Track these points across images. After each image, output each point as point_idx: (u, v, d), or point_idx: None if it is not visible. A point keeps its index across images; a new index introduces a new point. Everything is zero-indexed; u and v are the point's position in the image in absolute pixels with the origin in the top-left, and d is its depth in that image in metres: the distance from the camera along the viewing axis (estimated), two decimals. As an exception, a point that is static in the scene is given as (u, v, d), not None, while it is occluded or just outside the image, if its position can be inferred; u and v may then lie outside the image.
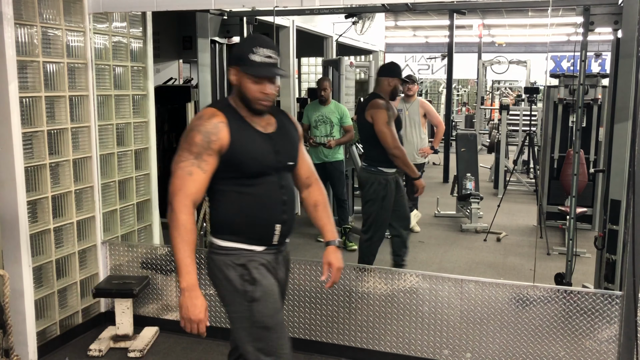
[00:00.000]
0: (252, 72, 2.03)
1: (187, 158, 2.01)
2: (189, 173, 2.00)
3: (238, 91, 2.09)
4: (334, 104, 5.73)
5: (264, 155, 2.08)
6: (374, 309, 3.35)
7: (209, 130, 1.99)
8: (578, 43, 3.50)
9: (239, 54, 2.06)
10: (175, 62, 9.13)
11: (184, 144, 2.02)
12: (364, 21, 7.14)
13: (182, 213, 1.98)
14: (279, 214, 2.12)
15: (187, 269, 1.96)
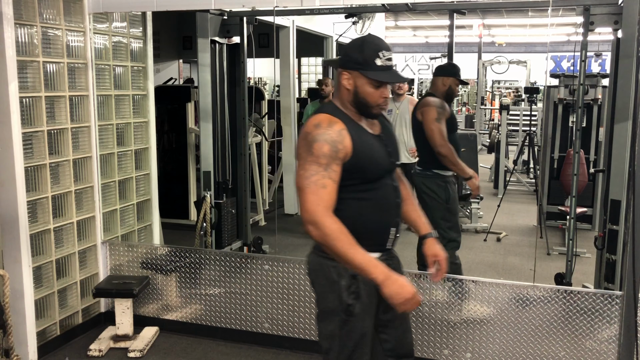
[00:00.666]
0: (380, 77, 1.94)
1: (316, 171, 1.88)
2: (322, 186, 1.88)
3: (352, 95, 1.99)
4: None
5: (382, 158, 2.03)
6: (374, 309, 3.34)
7: (335, 139, 1.90)
8: (578, 43, 3.50)
9: (361, 59, 1.95)
10: (175, 62, 9.15)
11: (309, 156, 1.89)
12: (364, 21, 7.14)
13: (330, 225, 1.85)
14: (393, 217, 2.07)
15: (371, 264, 1.84)
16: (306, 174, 1.89)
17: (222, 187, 4.55)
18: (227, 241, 4.62)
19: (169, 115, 6.31)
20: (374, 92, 1.96)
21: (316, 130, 1.91)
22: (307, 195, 1.88)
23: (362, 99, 1.98)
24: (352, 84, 1.98)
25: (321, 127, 1.92)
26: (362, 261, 1.83)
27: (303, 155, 1.92)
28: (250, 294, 3.59)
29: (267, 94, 10.19)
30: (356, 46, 2.00)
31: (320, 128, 1.91)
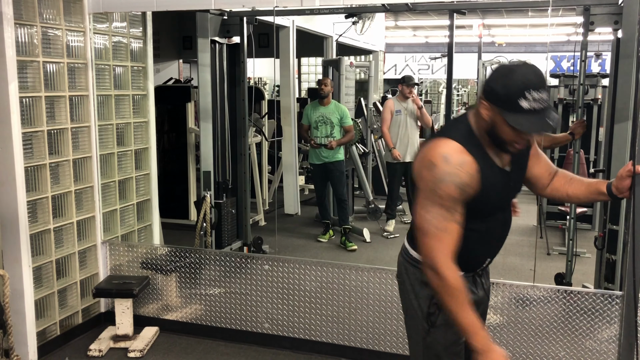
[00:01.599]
0: (520, 126, 1.68)
1: (440, 214, 1.74)
2: (444, 230, 1.75)
3: (488, 127, 1.78)
4: (334, 104, 5.70)
5: (502, 196, 1.91)
6: (374, 309, 3.35)
7: (464, 182, 1.73)
8: (578, 43, 3.50)
9: (504, 95, 1.69)
10: (175, 62, 9.14)
11: (433, 195, 1.74)
12: (364, 21, 7.14)
13: (450, 277, 1.75)
14: (494, 250, 1.99)
15: (474, 329, 1.74)
16: (428, 215, 1.75)
17: (222, 187, 4.55)
18: (227, 241, 4.62)
19: (169, 115, 6.31)
20: (512, 135, 1.74)
21: (445, 165, 1.72)
22: (430, 240, 1.77)
23: (498, 136, 1.77)
24: (490, 117, 1.75)
25: (450, 163, 1.72)
26: (467, 325, 1.75)
27: (426, 190, 1.76)
28: (250, 294, 3.59)
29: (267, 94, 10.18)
30: (501, 76, 1.71)
31: (450, 164, 1.72)
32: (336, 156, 5.70)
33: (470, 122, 1.83)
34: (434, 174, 1.73)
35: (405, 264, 2.02)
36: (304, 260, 3.50)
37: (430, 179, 1.74)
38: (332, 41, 7.84)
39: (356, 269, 3.40)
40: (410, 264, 1.98)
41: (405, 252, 2.03)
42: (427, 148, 1.80)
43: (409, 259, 2.00)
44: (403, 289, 2.06)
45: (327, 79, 5.71)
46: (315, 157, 5.71)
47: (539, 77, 1.69)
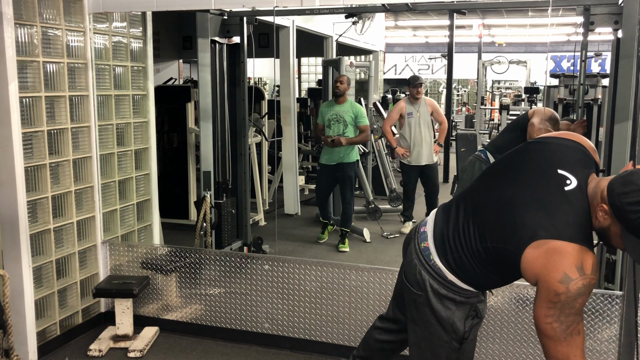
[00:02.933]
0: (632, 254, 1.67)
1: (574, 321, 1.68)
2: (576, 333, 1.70)
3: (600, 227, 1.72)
4: (349, 103, 5.57)
5: None
6: (374, 309, 3.34)
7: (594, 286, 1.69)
8: (578, 43, 3.50)
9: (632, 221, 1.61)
10: (175, 62, 9.15)
11: (569, 308, 1.66)
12: (364, 21, 7.14)
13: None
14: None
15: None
16: (562, 326, 1.68)
17: (222, 187, 4.55)
18: (227, 241, 4.62)
19: (169, 115, 6.31)
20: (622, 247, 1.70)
21: (582, 279, 1.63)
22: (563, 347, 1.70)
23: (607, 240, 1.73)
24: (608, 223, 1.68)
25: (585, 274, 1.64)
26: None
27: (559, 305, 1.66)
28: (250, 294, 3.59)
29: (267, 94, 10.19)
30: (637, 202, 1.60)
31: (585, 277, 1.64)
32: (351, 157, 5.58)
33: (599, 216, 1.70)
34: (571, 289, 1.64)
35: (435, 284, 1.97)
36: (304, 260, 3.50)
37: (566, 294, 1.64)
38: (332, 41, 7.85)
39: (356, 269, 3.40)
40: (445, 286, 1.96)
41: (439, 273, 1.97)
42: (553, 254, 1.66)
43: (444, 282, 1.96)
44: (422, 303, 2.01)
45: (343, 77, 5.55)
46: (329, 158, 5.56)
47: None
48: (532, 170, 1.83)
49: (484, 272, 1.90)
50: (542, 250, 1.68)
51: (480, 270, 1.90)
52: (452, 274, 1.95)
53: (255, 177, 6.55)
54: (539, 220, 1.72)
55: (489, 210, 1.87)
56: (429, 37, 20.29)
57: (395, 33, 18.84)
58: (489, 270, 1.89)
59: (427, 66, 20.06)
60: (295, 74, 7.28)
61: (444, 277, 1.96)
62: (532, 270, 1.71)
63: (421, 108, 6.07)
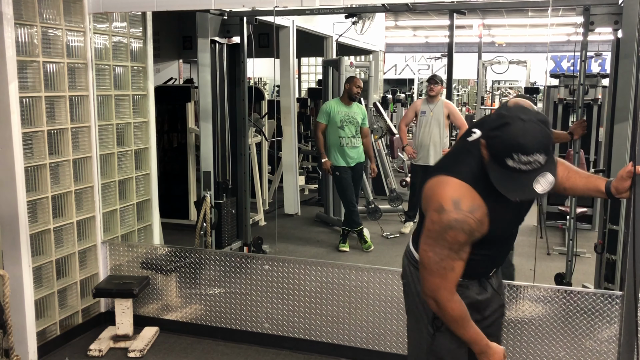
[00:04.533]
0: (499, 185, 1.65)
1: (448, 255, 1.74)
2: (450, 269, 1.76)
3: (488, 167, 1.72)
4: (355, 104, 5.58)
5: (509, 226, 1.91)
6: (374, 309, 3.35)
7: (473, 228, 1.71)
8: (578, 43, 3.49)
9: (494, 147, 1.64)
10: (175, 62, 9.15)
11: (442, 240, 1.72)
12: (364, 21, 7.13)
13: (453, 310, 1.80)
14: (500, 261, 2.03)
15: (477, 338, 1.86)
16: (435, 256, 1.75)
17: (222, 187, 4.55)
18: (227, 241, 4.62)
19: (169, 115, 6.31)
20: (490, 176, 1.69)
21: (455, 212, 1.69)
22: (434, 279, 1.78)
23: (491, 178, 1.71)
24: (486, 159, 1.70)
25: (461, 209, 1.69)
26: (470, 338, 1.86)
27: (433, 232, 1.74)
28: (250, 294, 3.59)
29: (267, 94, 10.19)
30: (497, 126, 1.64)
31: (460, 211, 1.68)
32: (362, 157, 5.61)
33: (483, 153, 1.72)
34: (442, 219, 1.70)
35: (410, 267, 2.02)
36: (304, 260, 3.50)
37: (438, 223, 1.71)
38: (332, 41, 7.85)
39: (356, 269, 3.40)
40: (415, 267, 1.98)
41: (410, 255, 2.02)
42: (437, 185, 1.76)
43: (414, 262, 1.99)
44: (408, 291, 2.06)
45: (360, 81, 5.54)
46: (343, 160, 5.50)
47: (535, 138, 1.57)
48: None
49: None
50: (431, 183, 1.80)
51: None
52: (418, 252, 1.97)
53: (255, 177, 6.55)
54: (439, 164, 1.94)
55: None
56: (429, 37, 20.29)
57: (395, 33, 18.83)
58: None
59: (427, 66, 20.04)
60: (295, 74, 7.28)
61: (414, 257, 1.99)
62: (423, 203, 1.83)
63: (436, 108, 5.96)
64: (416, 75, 20.28)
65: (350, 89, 5.47)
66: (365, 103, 7.09)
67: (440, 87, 6.04)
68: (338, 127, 5.47)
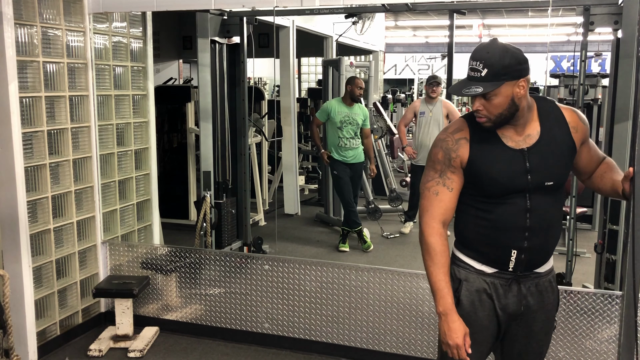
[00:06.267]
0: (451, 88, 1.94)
1: (432, 177, 1.89)
2: (435, 193, 1.87)
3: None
4: (357, 105, 5.57)
5: (508, 176, 1.82)
6: (374, 309, 3.35)
7: (449, 147, 1.87)
8: (578, 43, 3.49)
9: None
10: (175, 62, 9.15)
11: (429, 161, 1.93)
12: (364, 21, 7.14)
13: (430, 236, 1.85)
14: (517, 240, 1.84)
15: (441, 293, 1.83)
16: (424, 178, 1.91)
17: (222, 187, 4.55)
18: (227, 241, 4.62)
19: (169, 115, 6.31)
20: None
21: (442, 135, 1.92)
22: (421, 200, 1.91)
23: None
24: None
25: (446, 131, 1.92)
26: (434, 284, 1.85)
27: (427, 160, 1.95)
28: (250, 294, 3.59)
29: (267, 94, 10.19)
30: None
31: (444, 132, 1.93)
32: (361, 157, 5.61)
33: None
34: (434, 142, 1.93)
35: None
36: (304, 260, 3.50)
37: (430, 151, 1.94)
38: (332, 41, 7.85)
39: (356, 269, 3.40)
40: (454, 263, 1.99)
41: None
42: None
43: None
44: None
45: (362, 81, 5.51)
46: (341, 157, 5.52)
47: (484, 49, 1.78)
48: None
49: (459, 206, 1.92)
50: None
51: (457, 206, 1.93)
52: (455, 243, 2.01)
53: (255, 177, 6.55)
54: None
55: None
56: (429, 37, 20.30)
57: (395, 33, 18.84)
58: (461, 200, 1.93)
59: (427, 66, 20.05)
60: (295, 74, 7.28)
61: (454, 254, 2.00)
62: None
63: (435, 108, 5.95)
64: (416, 75, 20.29)
65: (353, 91, 5.46)
66: (365, 103, 7.09)
67: (440, 88, 6.05)
68: (337, 127, 5.47)
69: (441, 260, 1.84)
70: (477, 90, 1.77)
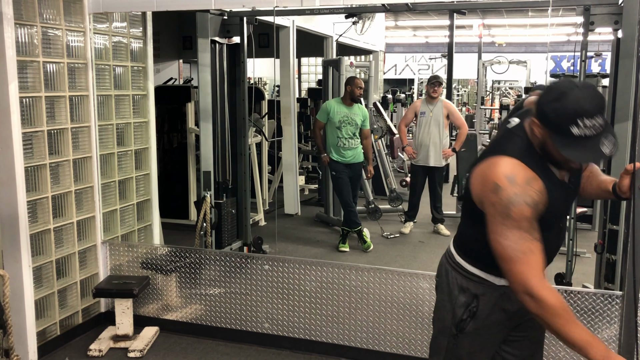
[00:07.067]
0: (566, 153, 1.64)
1: (521, 236, 1.66)
2: (529, 252, 1.66)
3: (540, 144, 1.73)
4: (357, 105, 5.57)
5: (562, 207, 1.86)
6: (374, 309, 3.35)
7: (536, 200, 1.67)
8: (578, 43, 3.49)
9: (555, 120, 1.62)
10: (175, 62, 9.15)
11: (508, 220, 1.66)
12: (364, 21, 7.14)
13: (548, 298, 1.64)
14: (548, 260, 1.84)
15: (591, 344, 1.63)
16: (508, 242, 1.67)
17: (222, 187, 4.55)
18: (227, 241, 4.62)
19: (169, 115, 6.31)
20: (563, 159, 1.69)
21: (512, 187, 1.65)
22: (517, 266, 1.67)
23: (551, 155, 1.71)
24: (543, 136, 1.69)
25: (517, 183, 1.66)
26: (579, 340, 1.64)
27: (497, 216, 1.68)
28: (250, 294, 3.59)
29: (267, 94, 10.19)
30: (554, 100, 1.63)
31: (516, 185, 1.66)
32: (360, 157, 5.60)
33: (528, 134, 1.74)
34: (502, 197, 1.66)
35: (447, 266, 2.01)
36: (304, 260, 3.50)
37: (499, 203, 1.66)
38: (332, 41, 7.85)
39: (356, 269, 3.40)
40: (453, 267, 1.98)
41: (450, 256, 2.01)
42: (486, 168, 1.73)
43: (453, 264, 1.98)
44: (439, 290, 2.06)
45: (361, 81, 5.50)
46: (340, 157, 5.51)
47: (594, 101, 1.60)
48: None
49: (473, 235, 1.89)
50: (479, 169, 1.77)
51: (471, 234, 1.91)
52: (458, 253, 1.97)
53: (255, 177, 6.55)
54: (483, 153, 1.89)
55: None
56: (429, 37, 20.31)
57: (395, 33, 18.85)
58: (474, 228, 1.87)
59: (427, 66, 20.06)
60: (295, 74, 7.28)
61: (453, 258, 1.99)
62: (475, 192, 1.77)
63: (436, 109, 5.96)
64: (416, 75, 20.30)
65: (352, 91, 5.45)
66: (365, 103, 7.10)
67: (441, 88, 6.06)
68: (336, 127, 5.47)
69: (570, 314, 1.66)
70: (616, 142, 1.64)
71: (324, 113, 5.56)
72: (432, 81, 6.03)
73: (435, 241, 6.00)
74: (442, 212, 6.25)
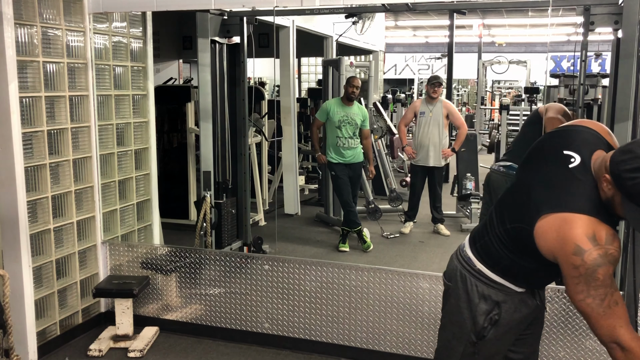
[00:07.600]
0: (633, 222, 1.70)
1: (603, 293, 1.66)
2: (614, 304, 1.67)
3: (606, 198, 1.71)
4: (356, 105, 5.57)
5: None
6: (374, 309, 3.35)
7: (616, 257, 1.67)
8: (578, 43, 3.49)
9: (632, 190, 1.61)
10: (175, 62, 9.15)
11: (593, 281, 1.66)
12: (364, 21, 7.14)
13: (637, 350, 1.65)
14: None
15: None
16: (596, 300, 1.67)
17: (222, 187, 4.55)
18: (227, 241, 4.62)
19: (169, 115, 6.31)
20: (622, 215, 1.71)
21: (596, 249, 1.63)
22: (605, 321, 1.67)
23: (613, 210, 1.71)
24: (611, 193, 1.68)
25: (599, 244, 1.64)
26: None
27: (579, 277, 1.68)
28: (250, 294, 3.59)
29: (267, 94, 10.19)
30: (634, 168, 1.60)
31: (599, 247, 1.64)
32: (360, 156, 5.61)
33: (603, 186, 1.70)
34: (586, 260, 1.64)
35: (464, 272, 1.99)
36: (304, 260, 3.50)
37: (583, 266, 1.65)
38: (332, 41, 7.85)
39: (356, 269, 3.40)
40: (472, 274, 1.97)
41: (468, 262, 1.99)
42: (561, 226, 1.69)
43: (472, 270, 1.97)
44: (455, 295, 2.03)
45: (359, 80, 5.51)
46: (339, 157, 5.52)
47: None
48: (544, 156, 1.90)
49: (509, 256, 1.89)
50: (551, 224, 1.71)
51: (505, 254, 1.89)
52: (480, 261, 1.96)
53: (255, 177, 6.55)
54: (547, 196, 1.77)
55: (508, 195, 1.99)
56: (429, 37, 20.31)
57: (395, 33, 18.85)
58: (514, 253, 1.87)
59: (427, 66, 20.07)
60: (295, 74, 7.28)
61: (472, 265, 1.98)
62: (547, 246, 1.74)
63: (435, 109, 5.96)
64: (416, 75, 20.31)
65: (346, 90, 5.50)
66: (365, 103, 7.10)
67: (442, 88, 6.07)
68: (336, 127, 5.48)
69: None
70: None
71: (323, 112, 5.58)
72: (432, 81, 6.03)
73: (435, 241, 6.00)
74: (442, 212, 6.26)
